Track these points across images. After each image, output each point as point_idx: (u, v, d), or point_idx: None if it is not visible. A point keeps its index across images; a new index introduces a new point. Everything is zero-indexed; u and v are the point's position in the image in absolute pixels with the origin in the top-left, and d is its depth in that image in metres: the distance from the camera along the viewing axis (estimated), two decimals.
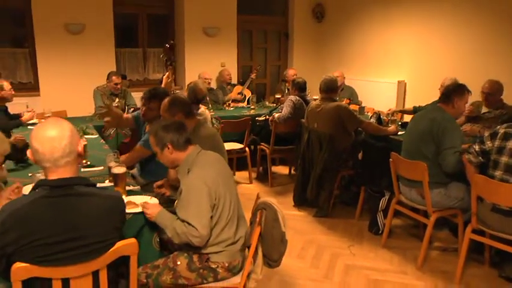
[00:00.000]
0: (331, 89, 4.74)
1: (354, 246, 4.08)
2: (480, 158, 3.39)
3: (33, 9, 6.62)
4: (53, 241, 1.78)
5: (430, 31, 6.63)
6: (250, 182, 5.86)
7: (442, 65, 6.37)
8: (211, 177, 2.42)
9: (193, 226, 2.31)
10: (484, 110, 4.86)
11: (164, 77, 5.05)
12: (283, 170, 6.44)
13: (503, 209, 3.18)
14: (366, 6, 7.71)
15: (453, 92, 3.77)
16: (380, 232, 4.26)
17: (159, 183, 2.88)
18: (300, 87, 5.59)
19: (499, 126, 3.41)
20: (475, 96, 4.83)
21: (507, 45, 5.64)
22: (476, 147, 3.41)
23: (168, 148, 2.52)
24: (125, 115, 4.20)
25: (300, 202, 4.98)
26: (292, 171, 6.22)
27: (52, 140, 1.82)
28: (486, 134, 3.43)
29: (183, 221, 2.35)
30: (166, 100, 3.40)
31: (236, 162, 6.12)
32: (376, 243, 4.14)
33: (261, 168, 6.18)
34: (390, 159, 3.87)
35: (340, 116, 4.55)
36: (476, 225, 3.37)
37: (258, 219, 2.48)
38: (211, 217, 2.39)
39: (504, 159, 3.22)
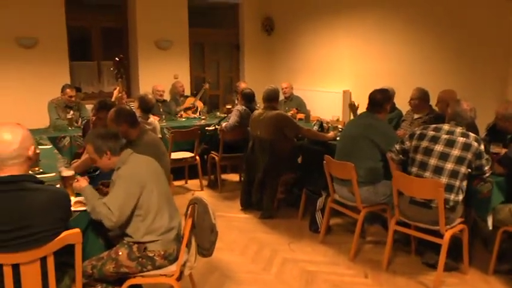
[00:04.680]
0: (271, 98, 5.15)
1: (294, 243, 4.46)
2: (400, 156, 3.88)
3: None
4: (3, 230, 2.09)
5: (368, 43, 7.17)
6: (201, 189, 6.20)
7: (380, 74, 6.89)
8: (137, 171, 2.80)
9: (111, 210, 2.67)
10: (416, 116, 5.37)
11: (115, 91, 5.38)
12: (233, 177, 6.80)
13: (419, 201, 3.64)
14: (311, 20, 8.21)
15: (384, 100, 4.27)
16: (319, 230, 4.65)
17: (105, 182, 3.21)
18: (247, 98, 5.99)
19: (416, 128, 3.90)
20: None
21: (437, 56, 6.20)
22: (397, 147, 3.89)
23: (107, 154, 2.87)
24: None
25: (247, 205, 5.36)
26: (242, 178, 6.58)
27: (2, 142, 2.15)
28: (407, 135, 3.92)
29: (105, 204, 2.70)
30: (112, 111, 3.75)
31: (188, 170, 6.45)
32: (314, 240, 4.54)
33: (212, 176, 6.52)
34: (324, 162, 4.29)
35: (280, 123, 4.96)
36: (398, 217, 3.82)
37: (189, 212, 2.83)
38: (136, 207, 2.75)
39: (419, 157, 3.69)
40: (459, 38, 5.91)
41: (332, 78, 7.89)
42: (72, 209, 2.72)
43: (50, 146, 4.96)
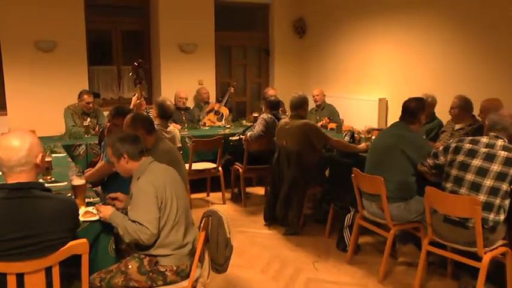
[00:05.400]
0: (298, 106, 5.25)
1: (319, 262, 4.51)
2: (434, 171, 3.90)
3: (0, 26, 7.13)
4: (9, 238, 2.23)
5: (407, 48, 7.18)
6: (224, 203, 6.31)
7: (420, 81, 6.89)
8: (158, 182, 2.92)
9: (143, 225, 2.79)
10: (457, 126, 5.35)
11: (134, 97, 5.57)
12: (259, 190, 6.89)
13: (454, 220, 3.62)
14: (347, 22, 8.28)
15: (418, 110, 4.29)
16: (347, 249, 4.67)
17: (113, 195, 3.34)
18: (272, 105, 6.11)
19: (451, 140, 3.91)
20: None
21: (482, 62, 6.16)
22: (430, 161, 3.92)
23: (124, 158, 3.02)
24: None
25: (271, 220, 5.44)
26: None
27: (10, 149, 2.30)
28: (440, 148, 3.93)
29: (134, 221, 2.81)
30: (129, 116, 3.92)
31: (210, 182, 6.57)
32: (342, 259, 4.57)
33: (235, 189, 6.62)
34: (352, 175, 4.34)
35: (307, 133, 5.05)
36: (431, 236, 3.82)
37: (202, 225, 2.93)
38: (159, 218, 2.86)
39: (454, 171, 3.69)
40: (507, 43, 5.87)
41: (367, 85, 7.93)
42: (82, 219, 2.87)
43: (64, 154, 5.16)
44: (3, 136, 2.38)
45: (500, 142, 3.62)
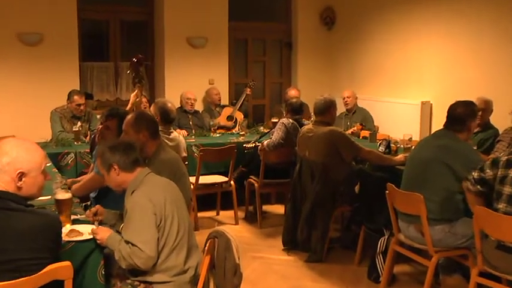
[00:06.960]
0: (323, 110, 5.24)
1: None
2: (478, 186, 3.83)
3: None
4: None
5: (456, 43, 7.13)
6: (236, 223, 6.31)
7: (471, 82, 6.82)
8: (156, 197, 2.94)
9: (137, 246, 2.80)
10: None
11: (132, 95, 5.61)
12: (278, 208, 6.90)
13: (509, 246, 3.54)
14: (383, 12, 8.28)
15: (467, 116, 4.25)
16: (380, 279, 4.63)
17: (93, 210, 3.37)
18: (294, 109, 6.10)
19: (501, 153, 3.87)
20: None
21: None
22: (475, 175, 3.85)
23: (115, 169, 3.04)
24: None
25: (291, 244, 5.41)
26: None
27: None
28: (488, 161, 3.88)
29: (127, 242, 2.83)
30: (132, 115, 3.97)
31: (221, 199, 6.57)
32: None
33: (250, 206, 6.62)
34: (387, 192, 4.31)
35: (334, 142, 5.04)
36: (482, 266, 3.75)
37: (207, 248, 2.93)
38: (158, 238, 2.87)
39: (507, 189, 3.63)
40: None
41: (408, 86, 7.90)
42: (67, 239, 2.89)
43: (49, 164, 5.19)
44: (13, 138, 2.59)
45: None
